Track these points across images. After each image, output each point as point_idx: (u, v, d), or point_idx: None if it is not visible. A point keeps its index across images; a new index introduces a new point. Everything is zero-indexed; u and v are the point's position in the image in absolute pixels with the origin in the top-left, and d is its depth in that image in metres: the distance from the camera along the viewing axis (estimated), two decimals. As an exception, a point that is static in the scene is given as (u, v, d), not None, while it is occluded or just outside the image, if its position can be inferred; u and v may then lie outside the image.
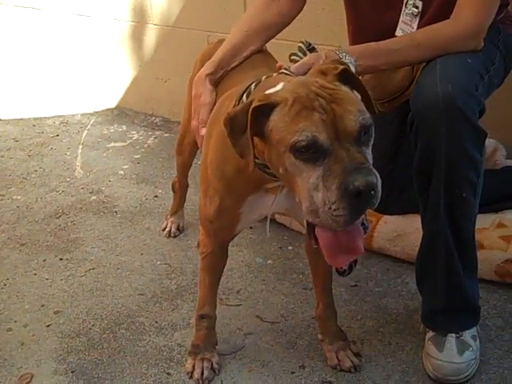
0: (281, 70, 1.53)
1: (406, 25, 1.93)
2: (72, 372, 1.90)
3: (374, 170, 1.25)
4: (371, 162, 1.29)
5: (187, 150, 2.33)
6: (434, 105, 1.59)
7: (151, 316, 2.12)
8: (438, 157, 1.63)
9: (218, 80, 1.88)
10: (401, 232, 2.26)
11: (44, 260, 2.45)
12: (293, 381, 1.81)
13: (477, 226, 2.14)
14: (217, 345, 1.90)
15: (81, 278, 2.34)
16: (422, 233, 1.86)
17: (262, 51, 1.97)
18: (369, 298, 2.14)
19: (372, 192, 1.23)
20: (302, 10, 1.99)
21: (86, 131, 3.65)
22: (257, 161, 1.36)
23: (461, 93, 1.59)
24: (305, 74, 1.52)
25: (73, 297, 2.24)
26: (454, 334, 1.79)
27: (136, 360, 1.93)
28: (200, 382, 1.82)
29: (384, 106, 2.04)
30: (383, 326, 2.00)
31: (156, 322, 2.09)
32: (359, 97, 1.41)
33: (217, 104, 1.72)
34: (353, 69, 1.60)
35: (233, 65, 1.90)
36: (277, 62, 1.89)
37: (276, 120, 1.30)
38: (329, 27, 2.79)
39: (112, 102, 3.90)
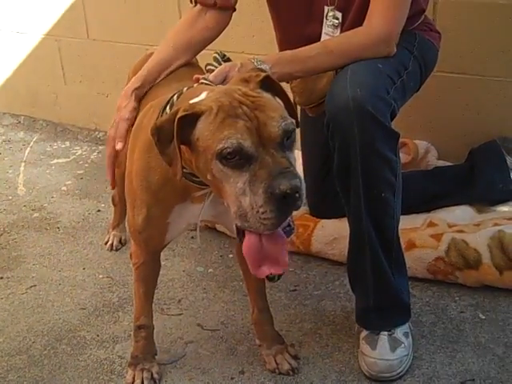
0: (200, 81, 1.56)
1: (329, 36, 1.98)
2: (12, 390, 1.90)
3: (298, 174, 1.30)
4: (295, 165, 1.33)
5: (124, 161, 2.34)
6: (345, 108, 1.64)
7: (93, 330, 2.13)
8: (353, 159, 1.68)
9: (143, 95, 1.91)
10: (337, 235, 2.30)
11: (-16, 280, 2.44)
12: (232, 386, 1.85)
13: (409, 226, 2.24)
14: (156, 355, 1.91)
15: (22, 295, 2.33)
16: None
17: (189, 64, 1.99)
18: (308, 301, 2.18)
19: (297, 195, 1.27)
20: (227, 24, 2.02)
21: (28, 148, 3.63)
22: (184, 170, 1.39)
23: (370, 96, 1.64)
24: (222, 81, 1.57)
25: (13, 315, 2.22)
26: (386, 332, 1.84)
27: (77, 375, 1.93)
28: (140, 392, 1.83)
29: (312, 111, 2.09)
30: (321, 328, 2.04)
31: (97, 336, 2.10)
32: (281, 103, 1.45)
33: (140, 114, 1.74)
34: None
35: (159, 79, 1.92)
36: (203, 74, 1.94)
37: (202, 128, 1.33)
38: (262, 36, 2.84)
39: (55, 118, 3.88)
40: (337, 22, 1.97)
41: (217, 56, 1.70)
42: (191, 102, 1.39)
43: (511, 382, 1.76)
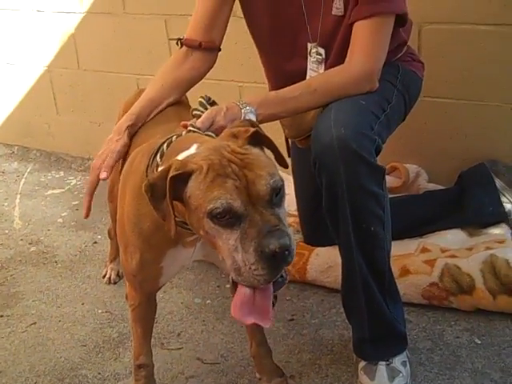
0: (188, 128, 1.59)
1: (314, 71, 2.02)
2: (16, 432, 1.92)
3: (288, 230, 1.32)
4: (285, 221, 1.35)
5: (117, 197, 2.37)
6: (330, 147, 1.67)
7: (94, 367, 2.14)
8: (340, 195, 1.71)
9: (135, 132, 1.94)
10: (332, 263, 2.33)
11: (-16, 318, 2.46)
12: (234, 421, 1.87)
13: (402, 252, 2.27)
14: (157, 392, 1.94)
15: (22, 334, 2.35)
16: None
17: (178, 103, 2.03)
18: (305, 330, 2.21)
19: (286, 252, 1.29)
20: (214, 63, 2.06)
21: (23, 179, 3.65)
22: (176, 219, 1.42)
23: (353, 134, 1.67)
24: (210, 126, 1.61)
25: (14, 355, 2.24)
26: (383, 362, 1.87)
27: (80, 414, 1.96)
28: (143, 431, 1.85)
29: (302, 143, 2.12)
30: (320, 359, 2.07)
31: (99, 374, 2.11)
32: (271, 156, 1.48)
33: (129, 159, 1.76)
34: (254, 118, 1.69)
35: (150, 117, 1.96)
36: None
37: (193, 187, 1.35)
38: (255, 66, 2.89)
39: (49, 148, 3.91)
40: (320, 57, 2.01)
41: (202, 101, 1.72)
42: (182, 156, 1.41)
43: (508, 408, 1.80)
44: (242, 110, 1.69)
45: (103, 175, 1.81)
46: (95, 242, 2.93)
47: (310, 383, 1.97)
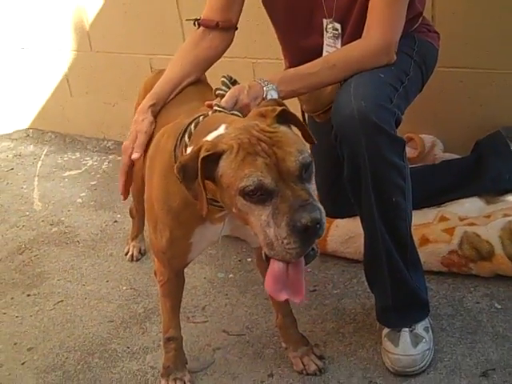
0: (214, 108, 1.62)
1: (330, 47, 2.04)
2: (51, 406, 1.98)
3: (318, 204, 1.36)
4: (315, 196, 1.39)
5: (139, 176, 2.41)
6: (351, 120, 1.70)
7: (122, 342, 2.20)
8: (362, 167, 1.74)
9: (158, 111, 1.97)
10: (352, 234, 2.37)
11: (12, 298, 2.51)
12: (263, 390, 1.92)
13: (421, 221, 2.30)
14: (187, 363, 1.98)
15: (50, 311, 2.41)
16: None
17: (197, 82, 2.05)
18: (328, 301, 2.25)
19: (318, 225, 1.33)
20: (231, 42, 2.08)
21: (40, 162, 3.70)
22: (207, 197, 1.46)
23: (373, 107, 1.70)
24: (234, 105, 1.64)
25: (44, 332, 2.30)
26: (407, 329, 1.91)
27: (112, 387, 2.02)
28: (175, 401, 1.91)
29: (320, 117, 2.14)
30: (343, 327, 2.11)
31: (128, 348, 2.17)
32: (298, 133, 1.51)
33: (154, 140, 1.79)
34: (276, 95, 1.72)
35: (172, 96, 1.98)
36: (211, 92, 2.00)
37: (224, 166, 1.38)
38: (263, 41, 2.91)
39: (63, 130, 3.95)
40: (337, 32, 2.02)
41: (225, 80, 1.75)
42: (211, 137, 1.44)
43: (531, 369, 1.84)
44: (264, 88, 1.72)
45: (135, 155, 1.84)
46: (115, 221, 2.98)
47: (335, 351, 2.02)
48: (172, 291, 1.89)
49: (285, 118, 1.46)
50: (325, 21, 2.03)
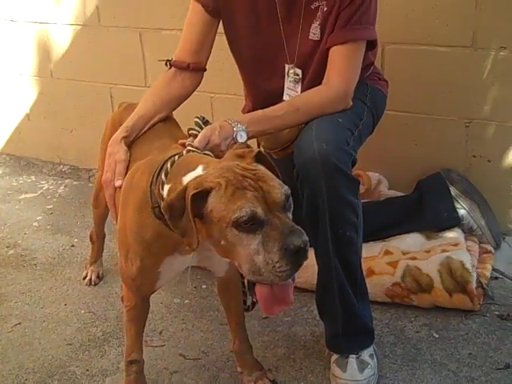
0: (187, 148, 1.75)
1: (291, 90, 2.21)
2: (11, 426, 2.04)
3: (302, 229, 1.50)
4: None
5: (103, 204, 2.49)
6: (312, 161, 1.86)
7: (81, 364, 2.27)
8: (321, 205, 1.90)
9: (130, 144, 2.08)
10: (303, 265, 2.51)
11: (-31, 319, 2.55)
12: (218, 412, 2.04)
13: (367, 255, 2.46)
14: (146, 387, 2.09)
15: (8, 334, 2.46)
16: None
17: (166, 119, 2.18)
18: (279, 328, 2.38)
19: (307, 247, 1.49)
20: (200, 82, 2.23)
21: (-6, 184, 3.74)
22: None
23: (334, 150, 1.87)
24: (206, 145, 1.78)
25: (2, 354, 2.35)
26: (354, 355, 2.06)
27: (71, 409, 2.09)
28: (134, 424, 2.00)
29: (278, 154, 2.29)
30: (294, 353, 2.25)
31: (87, 370, 2.24)
32: None
33: (127, 176, 1.90)
34: (245, 135, 1.87)
35: (143, 131, 2.10)
36: (179, 129, 2.14)
37: (214, 202, 1.51)
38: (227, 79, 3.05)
39: (17, 152, 3.99)
40: (297, 77, 2.19)
41: (198, 120, 1.89)
42: (189, 177, 1.57)
43: (465, 395, 2.01)
44: (234, 128, 1.87)
45: (118, 182, 1.95)
46: (72, 246, 3.04)
47: (286, 376, 2.15)
48: (137, 316, 1.99)
49: (259, 159, 1.61)
50: (287, 66, 2.19)
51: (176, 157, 1.69)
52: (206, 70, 2.23)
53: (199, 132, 1.83)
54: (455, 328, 2.31)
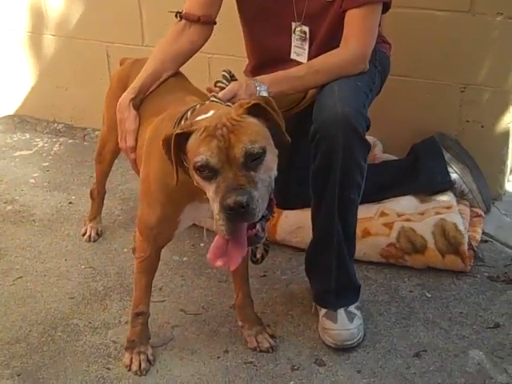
0: (211, 99, 1.81)
1: (298, 48, 2.24)
2: (18, 375, 2.08)
3: (254, 192, 1.53)
4: (260, 184, 1.56)
5: (107, 159, 2.55)
6: (334, 122, 1.93)
7: (84, 317, 2.33)
8: (334, 164, 1.97)
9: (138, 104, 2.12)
10: (300, 225, 2.57)
11: (-30, 273, 2.59)
12: (219, 364, 2.10)
13: (363, 216, 2.53)
14: (150, 339, 2.14)
15: (10, 287, 2.50)
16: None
17: (176, 74, 2.22)
18: (277, 285, 2.45)
19: (242, 209, 1.51)
20: (209, 37, 2.26)
21: (-12, 140, 3.73)
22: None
23: (354, 113, 1.94)
24: (231, 99, 1.84)
25: (5, 306, 2.40)
26: (342, 308, 2.15)
27: (76, 359, 2.14)
28: (138, 373, 2.06)
29: (282, 114, 2.34)
30: (292, 310, 2.32)
31: (89, 323, 2.30)
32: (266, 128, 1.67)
33: (153, 125, 1.95)
34: (266, 95, 1.92)
35: (151, 89, 2.13)
36: (189, 82, 2.19)
37: (190, 144, 1.61)
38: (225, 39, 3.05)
39: (11, 110, 3.98)
40: (304, 36, 2.23)
41: (225, 74, 1.96)
42: (199, 119, 1.66)
43: (457, 351, 2.10)
44: (257, 88, 1.93)
45: (132, 156, 2.06)
46: (70, 203, 3.07)
47: (285, 331, 2.23)
48: (149, 268, 2.06)
49: (261, 112, 1.64)
50: (293, 24, 2.22)
51: (197, 106, 1.76)
52: (215, 23, 2.24)
53: (226, 85, 1.90)
54: (447, 288, 2.39)
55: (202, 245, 2.69)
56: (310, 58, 2.21)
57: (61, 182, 3.26)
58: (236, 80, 1.97)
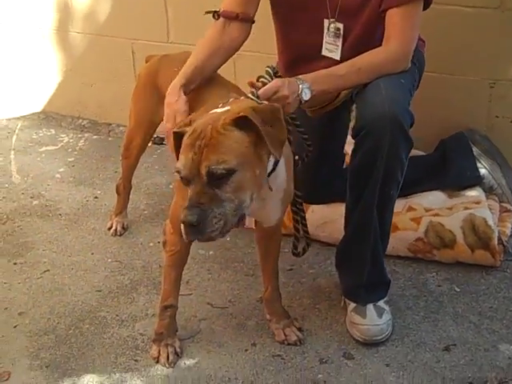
0: (248, 95, 1.82)
1: (331, 44, 2.21)
2: (46, 367, 2.09)
3: (211, 212, 1.59)
4: (227, 201, 1.61)
5: (134, 154, 2.56)
6: (382, 118, 1.92)
7: (111, 310, 2.34)
8: (378, 161, 1.96)
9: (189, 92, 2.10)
10: (327, 220, 2.56)
11: (-2, 266, 2.61)
12: (247, 357, 2.09)
13: (391, 211, 2.51)
14: (177, 331, 2.14)
15: (38, 280, 2.51)
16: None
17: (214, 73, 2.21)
18: (304, 279, 2.44)
19: (194, 227, 1.59)
20: (248, 35, 2.22)
21: (15, 136, 3.74)
22: None
23: (401, 110, 1.94)
24: (271, 95, 1.84)
25: (34, 298, 2.41)
26: (371, 303, 2.14)
27: (104, 351, 2.15)
28: (166, 365, 2.06)
29: (314, 112, 2.31)
30: (319, 303, 2.31)
31: (117, 315, 2.31)
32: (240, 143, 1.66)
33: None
34: (309, 93, 1.92)
35: (196, 83, 2.12)
36: (229, 82, 2.20)
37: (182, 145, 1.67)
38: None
39: (37, 107, 4.00)
40: (338, 32, 2.19)
41: (269, 70, 1.97)
42: (195, 118, 1.72)
43: (487, 345, 2.08)
44: (300, 85, 1.91)
45: None
46: (96, 197, 3.08)
47: (312, 325, 2.22)
48: (179, 262, 2.07)
49: (244, 123, 1.64)
50: (326, 21, 2.20)
51: (230, 100, 1.79)
52: (254, 22, 2.22)
53: (269, 81, 1.90)
54: (476, 283, 2.37)
55: (227, 239, 2.69)
56: (342, 55, 2.19)
57: (86, 176, 3.27)
58: (280, 77, 1.97)
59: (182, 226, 1.62)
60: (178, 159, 1.68)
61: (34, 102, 3.99)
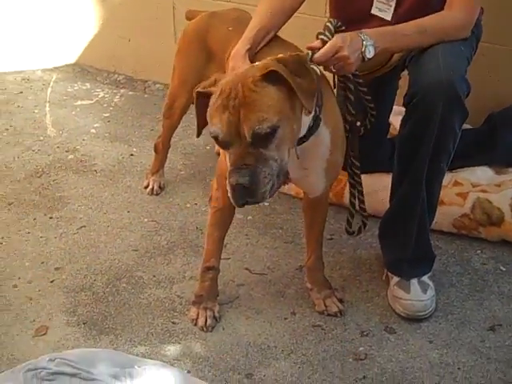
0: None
1: (383, 3, 2.12)
2: (84, 323, 2.08)
3: (260, 171, 1.54)
4: (272, 160, 1.56)
5: (176, 114, 2.51)
6: (437, 86, 1.84)
7: (148, 270, 2.31)
8: (430, 130, 1.89)
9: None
10: (369, 190, 2.47)
11: (34, 219, 2.57)
12: (286, 326, 2.06)
13: (437, 185, 2.44)
14: (218, 295, 2.11)
15: (74, 235, 2.49)
16: (389, 191, 2.14)
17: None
18: (344, 249, 2.40)
19: (245, 189, 1.55)
20: None
21: (49, 88, 3.69)
22: None
23: (459, 79, 1.87)
24: (333, 55, 1.78)
25: (70, 254, 2.39)
26: (415, 278, 2.10)
27: (141, 311, 2.13)
28: (204, 328, 2.04)
29: (364, 77, 2.24)
30: (359, 275, 2.27)
31: (154, 276, 2.28)
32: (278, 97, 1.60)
33: None
34: (373, 50, 1.84)
35: (262, 44, 2.04)
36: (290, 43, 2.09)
37: (210, 105, 1.61)
38: None
39: (72, 59, 3.94)
40: None
41: (329, 25, 1.86)
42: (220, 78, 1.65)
43: (534, 327, 2.03)
44: (364, 42, 1.83)
45: None
46: (131, 155, 3.03)
47: (353, 296, 2.18)
48: (223, 221, 2.03)
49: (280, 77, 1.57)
50: None
51: None
52: None
53: (329, 39, 1.82)
54: (523, 263, 2.31)
55: (266, 204, 2.64)
56: (395, 20, 2.10)
57: (122, 133, 3.22)
58: (343, 31, 1.88)
59: (230, 190, 1.57)
60: (198, 120, 1.66)
61: (69, 53, 3.93)
